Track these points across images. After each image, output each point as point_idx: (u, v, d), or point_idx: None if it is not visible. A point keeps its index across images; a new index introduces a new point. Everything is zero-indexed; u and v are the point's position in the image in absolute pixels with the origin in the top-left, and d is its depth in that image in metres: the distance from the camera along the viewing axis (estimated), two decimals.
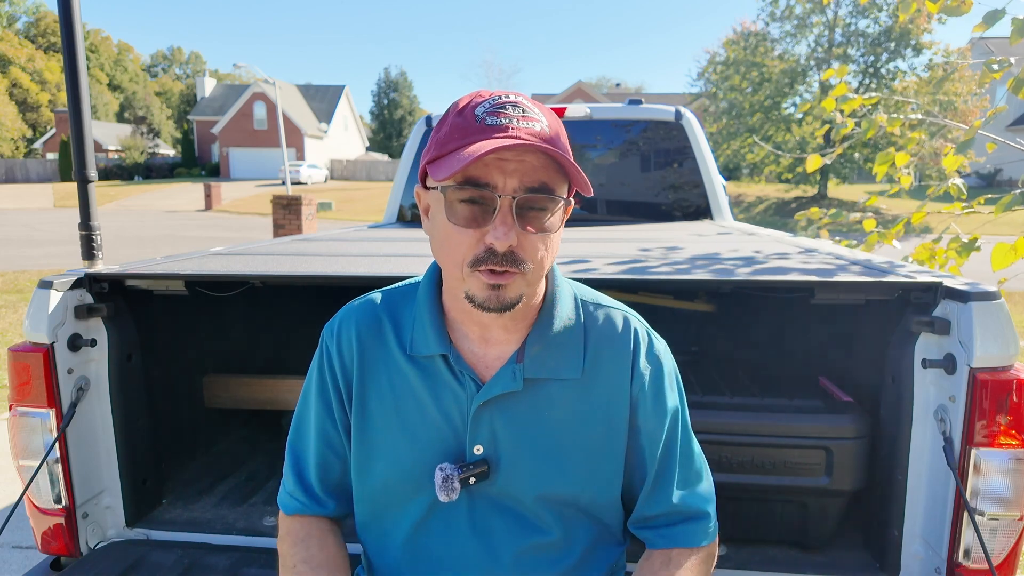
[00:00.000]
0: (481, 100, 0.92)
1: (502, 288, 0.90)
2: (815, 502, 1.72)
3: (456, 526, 1.04)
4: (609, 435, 1.04)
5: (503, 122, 0.88)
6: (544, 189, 0.89)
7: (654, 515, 1.07)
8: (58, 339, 1.63)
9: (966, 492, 1.37)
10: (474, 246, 0.90)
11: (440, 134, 0.93)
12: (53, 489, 1.66)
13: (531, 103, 0.93)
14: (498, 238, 0.87)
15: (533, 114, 0.91)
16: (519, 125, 0.88)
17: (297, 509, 1.11)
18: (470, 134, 0.88)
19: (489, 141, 0.86)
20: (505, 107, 0.90)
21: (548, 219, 0.92)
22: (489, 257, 0.89)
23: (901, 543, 1.54)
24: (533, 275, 0.92)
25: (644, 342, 1.07)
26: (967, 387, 1.37)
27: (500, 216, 0.88)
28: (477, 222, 0.90)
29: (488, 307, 0.91)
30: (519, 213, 0.89)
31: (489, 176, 0.88)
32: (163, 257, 2.13)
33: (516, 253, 0.89)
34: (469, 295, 0.92)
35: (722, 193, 3.93)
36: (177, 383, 2.26)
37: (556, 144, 0.89)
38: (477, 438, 1.01)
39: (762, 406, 1.75)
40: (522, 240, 0.90)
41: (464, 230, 0.90)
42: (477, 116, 0.89)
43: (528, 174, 0.88)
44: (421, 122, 3.98)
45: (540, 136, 0.88)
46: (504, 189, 0.88)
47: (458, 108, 0.93)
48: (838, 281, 1.56)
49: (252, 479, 2.25)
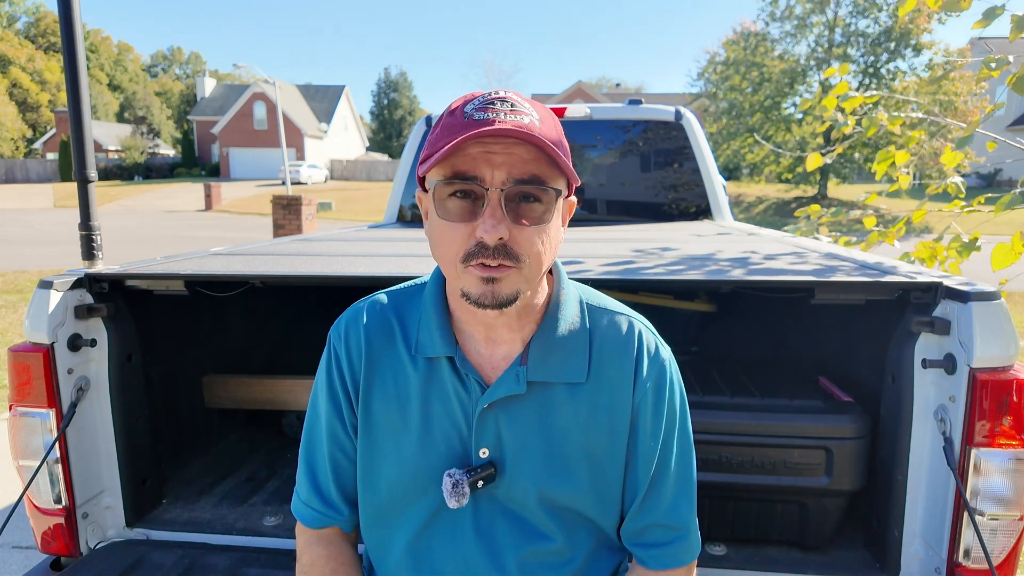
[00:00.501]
0: (471, 99, 0.92)
1: (496, 282, 0.89)
2: (815, 502, 1.72)
3: (460, 530, 1.03)
4: (612, 441, 1.03)
5: (490, 116, 0.88)
6: (534, 181, 0.89)
7: (645, 527, 1.06)
8: (58, 339, 1.63)
9: (966, 492, 1.37)
10: (465, 241, 0.89)
11: (433, 135, 0.93)
12: (53, 489, 1.66)
13: (523, 99, 0.92)
14: (487, 231, 0.86)
15: (522, 108, 0.90)
16: (506, 119, 0.88)
17: (316, 519, 1.09)
18: (457, 131, 0.88)
19: (471, 133, 0.86)
20: (494, 103, 0.90)
21: (543, 212, 0.91)
22: (480, 251, 0.88)
23: (901, 543, 1.54)
24: (530, 270, 0.91)
25: (649, 348, 1.06)
26: (967, 387, 1.37)
27: (489, 209, 0.87)
28: (467, 216, 0.89)
29: (483, 303, 0.90)
30: (510, 206, 0.88)
31: (476, 169, 0.88)
32: (163, 257, 2.13)
33: (509, 247, 0.88)
34: (465, 291, 0.92)
35: (722, 193, 3.93)
36: (177, 383, 2.26)
37: (545, 136, 0.88)
38: (483, 441, 1.01)
39: (762, 406, 1.75)
40: (515, 233, 0.89)
41: (455, 225, 0.90)
42: (466, 113, 0.89)
43: (517, 166, 0.88)
44: (421, 122, 3.98)
45: (528, 128, 0.87)
46: (492, 182, 0.87)
47: (450, 109, 0.93)
48: (838, 281, 1.56)
49: (252, 479, 2.25)
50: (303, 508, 1.11)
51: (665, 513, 1.06)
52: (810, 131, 27.52)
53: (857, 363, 1.97)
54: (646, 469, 1.05)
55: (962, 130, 2.72)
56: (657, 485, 1.05)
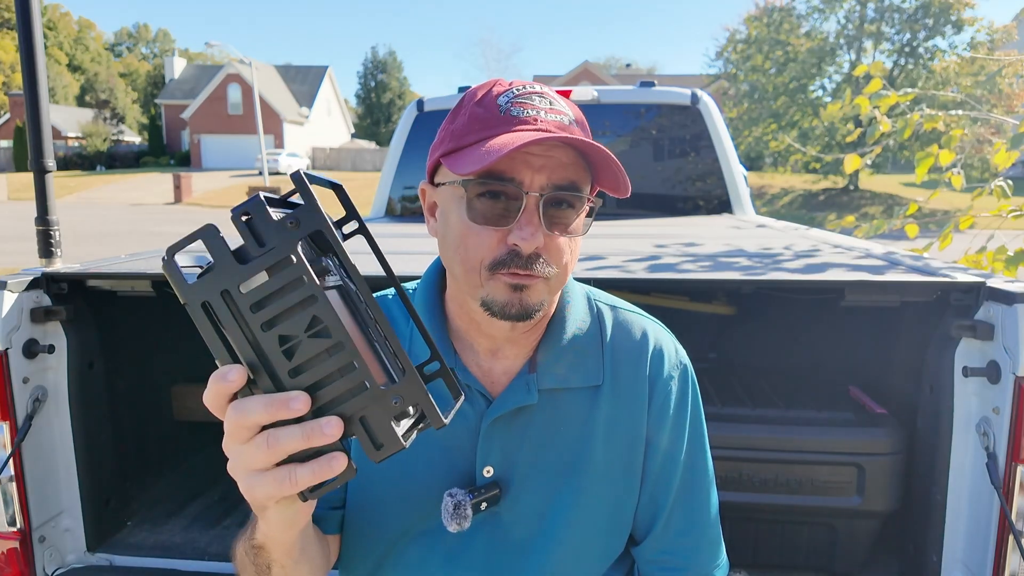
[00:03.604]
0: (503, 89, 0.92)
1: (525, 291, 0.89)
2: (845, 524, 1.72)
3: (460, 557, 1.02)
4: (630, 452, 1.04)
5: (530, 113, 0.88)
6: (573, 187, 0.89)
7: (668, 548, 1.06)
8: (12, 345, 1.63)
9: (1011, 513, 1.37)
10: (495, 247, 0.89)
11: (456, 124, 0.92)
12: (7, 510, 1.66)
13: (556, 94, 0.93)
14: (524, 238, 0.86)
15: (560, 106, 0.91)
16: (547, 117, 0.88)
17: None
18: (492, 125, 0.88)
19: (520, 133, 0.86)
20: (531, 97, 0.90)
21: (575, 220, 0.92)
22: (512, 260, 0.87)
23: (940, 570, 1.54)
24: (556, 282, 0.92)
25: (667, 348, 1.07)
26: (1012, 397, 1.37)
27: (526, 215, 0.87)
28: (499, 220, 0.88)
29: (509, 313, 0.89)
30: (545, 213, 0.88)
31: (515, 171, 0.87)
32: (128, 255, 2.14)
33: (541, 256, 0.89)
34: (487, 301, 0.90)
35: (743, 184, 3.93)
36: (143, 393, 2.26)
37: (587, 138, 0.89)
38: (488, 459, 1.00)
39: (787, 419, 1.75)
40: (548, 242, 0.89)
41: (485, 228, 0.89)
42: (500, 106, 0.89)
43: (556, 170, 0.88)
44: (412, 106, 3.97)
45: (570, 131, 0.88)
46: (531, 186, 0.87)
47: (476, 97, 0.92)
48: (870, 281, 1.56)
49: (225, 499, 2.25)
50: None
51: (692, 534, 1.06)
52: (840, 116, 27.54)
53: (891, 371, 1.97)
54: (667, 484, 1.05)
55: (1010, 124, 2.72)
56: (681, 502, 1.06)
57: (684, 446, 1.05)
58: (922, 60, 27.41)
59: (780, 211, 25.23)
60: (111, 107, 51.76)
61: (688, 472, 1.06)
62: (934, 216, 3.49)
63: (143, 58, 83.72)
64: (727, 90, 30.76)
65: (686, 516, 1.06)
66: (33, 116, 1.93)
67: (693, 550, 1.06)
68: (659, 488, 1.05)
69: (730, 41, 30.10)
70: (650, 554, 1.07)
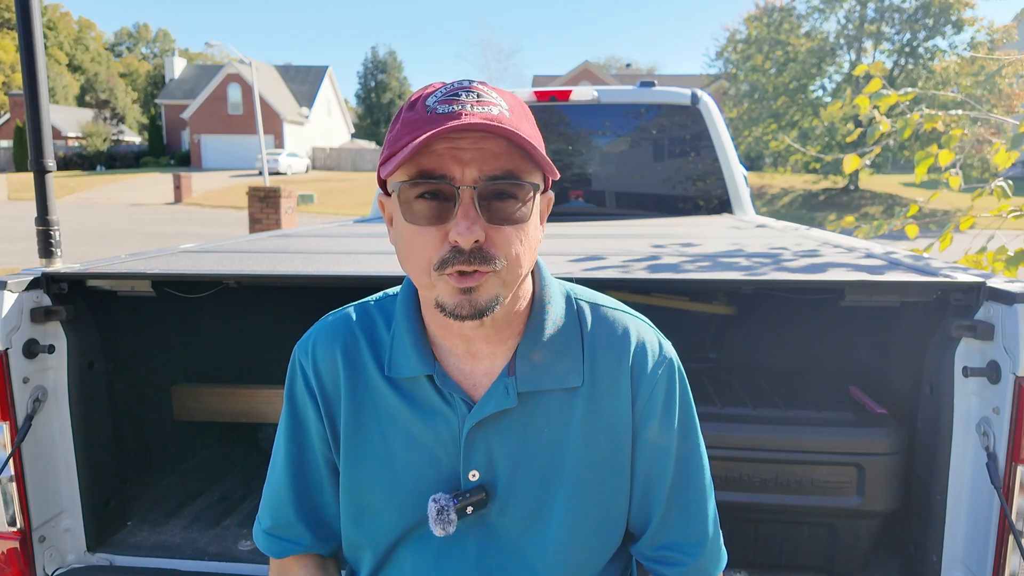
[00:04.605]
0: (433, 90, 0.92)
1: (474, 291, 0.89)
2: (845, 524, 1.72)
3: (454, 562, 1.03)
4: (614, 452, 1.03)
5: (455, 109, 0.87)
6: (509, 176, 0.88)
7: (665, 544, 1.06)
8: (12, 345, 1.63)
9: (1011, 513, 1.37)
10: (438, 247, 0.88)
11: (392, 131, 0.92)
12: (7, 510, 1.66)
13: (489, 88, 0.92)
14: (461, 233, 0.86)
15: (490, 98, 0.90)
16: (473, 110, 0.87)
17: (284, 549, 1.10)
18: (419, 126, 0.87)
19: (438, 129, 0.85)
20: (458, 94, 0.89)
21: (518, 209, 0.91)
22: (455, 257, 0.87)
23: (940, 570, 1.54)
24: (508, 273, 0.91)
25: (651, 344, 1.06)
26: (1012, 397, 1.37)
27: (462, 209, 0.87)
28: (438, 219, 0.89)
29: (460, 314, 0.90)
30: (483, 205, 0.88)
31: (444, 167, 0.87)
32: (128, 255, 2.14)
33: (485, 249, 0.88)
34: (439, 303, 0.91)
35: (743, 184, 3.93)
36: (143, 393, 2.27)
37: (517, 127, 0.88)
38: (472, 463, 1.00)
39: (787, 419, 1.75)
40: (491, 234, 0.88)
41: (425, 229, 0.89)
42: (428, 107, 0.89)
43: (488, 161, 0.88)
44: None
45: (498, 120, 0.87)
46: (463, 179, 0.87)
47: (410, 102, 0.92)
48: (870, 281, 1.56)
49: (226, 499, 2.25)
50: (265, 538, 1.12)
51: (691, 530, 1.06)
52: (840, 116, 27.53)
53: (891, 371, 1.97)
54: (660, 480, 1.05)
55: (1009, 123, 2.72)
56: (676, 497, 1.06)
57: (675, 442, 1.05)
58: (922, 60, 27.42)
59: (780, 211, 25.23)
60: (111, 107, 51.76)
61: (681, 467, 1.06)
62: (934, 216, 3.50)
63: (143, 58, 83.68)
64: (727, 90, 30.76)
65: (682, 511, 1.06)
66: (33, 116, 1.93)
67: (691, 544, 1.06)
68: (652, 485, 1.05)
69: (730, 41, 30.12)
70: (648, 550, 1.08)
